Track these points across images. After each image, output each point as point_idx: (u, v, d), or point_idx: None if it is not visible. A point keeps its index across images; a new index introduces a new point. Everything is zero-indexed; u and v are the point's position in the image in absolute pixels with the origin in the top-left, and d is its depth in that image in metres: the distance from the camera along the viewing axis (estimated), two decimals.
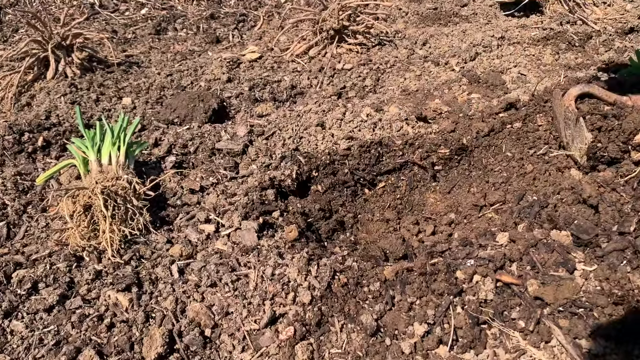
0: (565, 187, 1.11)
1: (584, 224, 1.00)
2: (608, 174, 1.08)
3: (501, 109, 1.47)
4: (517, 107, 1.47)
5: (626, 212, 1.00)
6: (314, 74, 2.04)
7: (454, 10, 2.55)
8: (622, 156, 1.09)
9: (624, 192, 1.02)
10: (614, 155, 1.09)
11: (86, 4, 2.88)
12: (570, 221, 1.02)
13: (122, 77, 2.13)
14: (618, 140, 1.08)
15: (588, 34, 2.11)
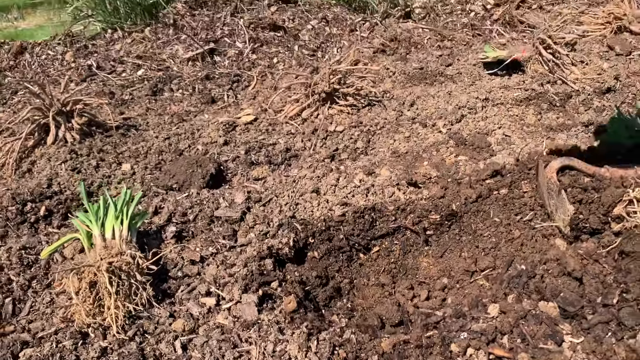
0: (551, 257, 1.17)
1: (570, 296, 1.05)
2: (591, 245, 1.14)
3: (487, 175, 1.54)
4: (503, 173, 1.54)
5: (609, 283, 1.05)
6: (308, 136, 2.12)
7: (439, 69, 2.66)
8: (603, 227, 1.15)
9: (606, 264, 1.08)
10: (595, 227, 1.16)
11: (84, 65, 2.96)
12: (557, 293, 1.07)
13: (120, 141, 2.19)
14: (598, 212, 1.14)
15: (568, 93, 2.22)
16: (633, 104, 2.10)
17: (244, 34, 3.11)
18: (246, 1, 3.30)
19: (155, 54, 3.05)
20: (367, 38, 3.22)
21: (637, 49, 2.62)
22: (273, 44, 3.11)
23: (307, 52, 3.10)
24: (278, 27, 3.15)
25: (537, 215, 1.39)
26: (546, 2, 3.56)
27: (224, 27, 3.15)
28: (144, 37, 3.13)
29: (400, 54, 3.06)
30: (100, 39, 3.21)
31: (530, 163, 1.54)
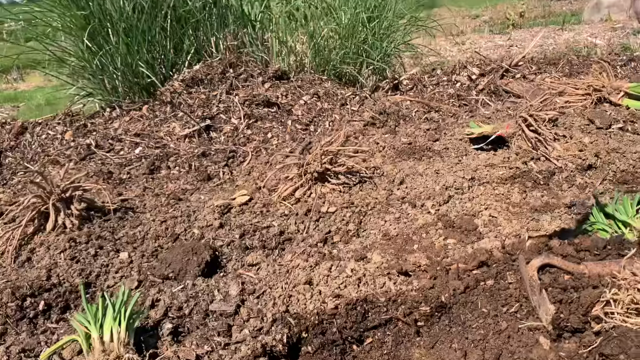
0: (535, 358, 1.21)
1: None
2: (572, 345, 1.18)
3: (474, 266, 1.59)
4: (489, 264, 1.59)
5: None
6: (301, 218, 2.18)
7: (427, 145, 2.75)
8: (584, 326, 1.20)
9: None
10: (576, 326, 1.20)
11: (83, 144, 3.05)
12: None
13: (118, 226, 2.24)
14: (578, 312, 1.19)
15: (551, 171, 2.30)
16: (613, 184, 2.18)
17: (239, 110, 3.22)
18: (241, 78, 3.43)
19: (153, 131, 3.14)
20: (358, 112, 3.33)
21: (617, 121, 2.73)
22: (267, 119, 3.22)
23: (300, 127, 3.20)
24: (272, 103, 3.27)
25: (523, 307, 1.43)
26: (529, 72, 3.72)
27: (219, 104, 3.26)
28: (141, 115, 3.24)
29: (389, 126, 3.16)
30: (99, 117, 3.32)
31: (515, 252, 1.60)
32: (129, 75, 3.29)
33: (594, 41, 6.72)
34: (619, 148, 2.39)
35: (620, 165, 2.25)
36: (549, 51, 6.55)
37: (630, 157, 2.30)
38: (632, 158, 2.29)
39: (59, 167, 2.92)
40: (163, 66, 3.46)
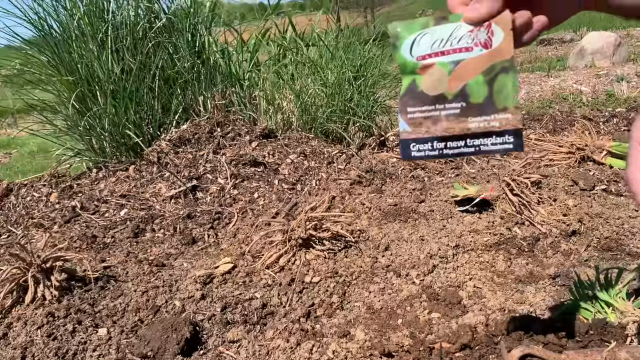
0: None
1: None
2: None
3: (457, 349, 1.56)
4: (472, 346, 1.56)
5: None
6: (284, 289, 2.15)
7: (412, 206, 2.75)
8: None
9: None
10: None
11: (68, 207, 3.03)
12: None
13: (99, 296, 2.21)
14: None
15: (536, 236, 2.30)
16: (598, 251, 2.17)
17: (225, 170, 3.22)
18: (229, 137, 3.45)
19: (139, 192, 3.13)
20: (344, 170, 3.35)
21: (600, 182, 2.75)
22: (254, 179, 3.23)
23: (286, 186, 3.20)
24: (259, 162, 3.28)
25: None
26: None
27: (206, 164, 3.27)
28: (128, 175, 3.24)
29: (376, 185, 3.17)
30: (86, 177, 3.31)
31: (498, 333, 1.57)
32: (116, 135, 3.30)
33: (579, 88, 6.85)
34: (602, 213, 2.39)
35: (604, 232, 2.26)
36: (535, 98, 6.67)
37: (613, 224, 2.30)
38: (615, 224, 2.29)
39: (43, 231, 2.90)
40: (151, 126, 3.48)
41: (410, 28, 0.75)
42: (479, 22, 0.72)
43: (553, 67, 9.07)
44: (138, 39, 3.43)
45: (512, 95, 0.73)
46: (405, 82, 0.77)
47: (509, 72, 0.72)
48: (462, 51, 0.74)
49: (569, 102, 5.95)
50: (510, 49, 0.72)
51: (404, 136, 0.78)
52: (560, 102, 6.02)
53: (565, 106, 5.63)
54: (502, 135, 0.74)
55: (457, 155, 0.77)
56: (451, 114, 0.75)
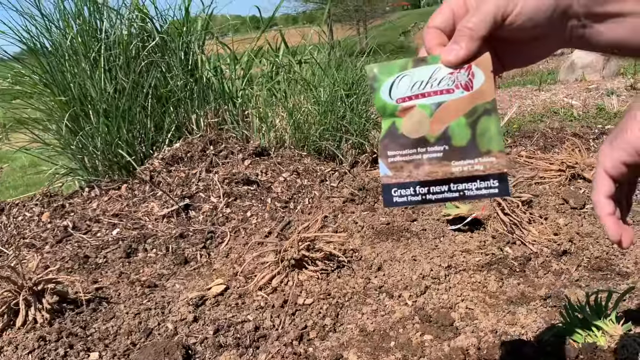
0: None
1: None
2: None
3: None
4: None
5: None
6: (277, 312, 2.15)
7: (405, 225, 2.76)
8: None
9: None
10: None
11: (60, 226, 3.02)
12: None
13: (91, 319, 2.20)
14: None
15: (527, 256, 2.31)
16: (588, 270, 2.19)
17: (218, 188, 3.23)
18: (221, 155, 3.46)
19: (131, 211, 3.13)
20: (337, 188, 3.36)
21: (590, 201, 2.76)
22: (247, 198, 3.23)
23: (279, 205, 3.21)
24: (252, 181, 3.29)
25: None
26: (505, 145, 3.79)
27: (199, 183, 3.27)
28: (120, 194, 3.23)
29: (368, 203, 3.19)
30: (78, 197, 3.30)
31: (490, 357, 1.58)
32: (108, 154, 3.30)
33: (570, 102, 6.92)
34: (592, 232, 2.41)
35: (594, 251, 2.27)
36: (527, 112, 6.73)
37: (603, 243, 2.32)
38: (605, 244, 2.31)
39: (34, 251, 2.89)
40: (143, 145, 3.48)
41: (389, 70, 0.74)
42: (457, 66, 0.71)
43: (544, 81, 9.16)
44: (131, 57, 3.44)
45: (496, 138, 0.71)
46: (385, 125, 0.75)
47: (492, 115, 0.71)
48: (443, 93, 0.72)
49: (560, 116, 6.01)
50: (492, 91, 0.71)
51: (385, 181, 0.76)
52: (551, 116, 6.08)
53: (556, 120, 5.68)
54: (487, 180, 0.72)
55: (441, 200, 0.74)
56: (433, 158, 0.73)
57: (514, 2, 0.68)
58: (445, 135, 0.72)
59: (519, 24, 0.69)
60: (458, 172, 0.73)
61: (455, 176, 0.73)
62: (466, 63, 0.71)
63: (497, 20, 0.69)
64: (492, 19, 0.68)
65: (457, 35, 0.71)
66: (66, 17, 3.37)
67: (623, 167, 0.66)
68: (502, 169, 0.71)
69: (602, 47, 0.73)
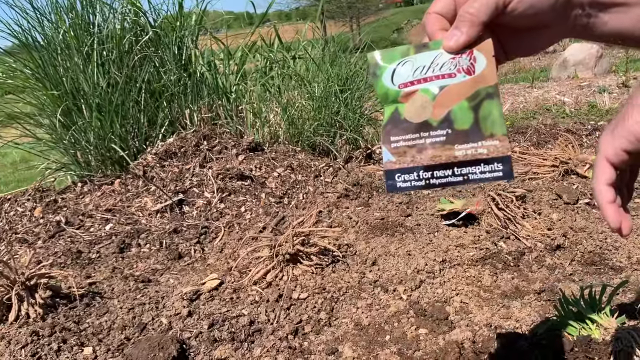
0: None
1: None
2: None
3: None
4: None
5: None
6: (272, 306, 2.14)
7: (399, 220, 2.77)
8: None
9: None
10: None
11: (52, 221, 3.00)
12: None
13: (84, 314, 2.18)
14: None
15: (521, 250, 2.32)
16: (582, 265, 2.20)
17: (212, 184, 3.22)
18: (215, 150, 3.45)
19: (125, 206, 3.11)
20: (331, 183, 3.36)
21: (584, 196, 2.78)
22: (241, 193, 3.22)
23: (273, 200, 3.21)
24: (246, 176, 3.28)
25: None
26: None
27: (193, 178, 3.26)
28: (113, 189, 3.22)
29: (363, 198, 3.19)
30: (71, 192, 3.28)
31: (485, 349, 1.59)
32: (101, 149, 3.28)
33: (562, 99, 6.95)
34: (586, 227, 2.42)
35: (588, 246, 2.28)
36: (520, 109, 6.75)
37: (596, 238, 2.33)
38: (599, 239, 2.32)
39: (27, 246, 2.87)
40: (137, 140, 3.47)
41: (391, 57, 0.74)
42: (458, 51, 0.71)
43: (537, 78, 9.19)
44: (124, 52, 3.42)
45: (499, 122, 0.71)
46: (388, 112, 0.75)
47: (494, 99, 0.71)
48: (445, 77, 0.72)
49: (553, 113, 6.04)
50: (493, 75, 0.71)
51: (389, 167, 0.75)
52: (544, 113, 6.11)
53: (549, 117, 5.71)
54: (491, 163, 0.71)
55: (445, 185, 0.74)
56: (437, 142, 0.73)
57: None
58: (448, 118, 0.72)
59: (520, 11, 0.69)
60: (462, 156, 0.72)
61: (459, 160, 0.72)
62: (467, 48, 0.71)
63: (499, 6, 0.69)
64: (493, 5, 0.68)
65: (459, 20, 0.71)
66: (58, 11, 3.34)
67: (624, 154, 0.66)
68: (506, 152, 0.71)
69: (607, 37, 0.73)
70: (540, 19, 0.71)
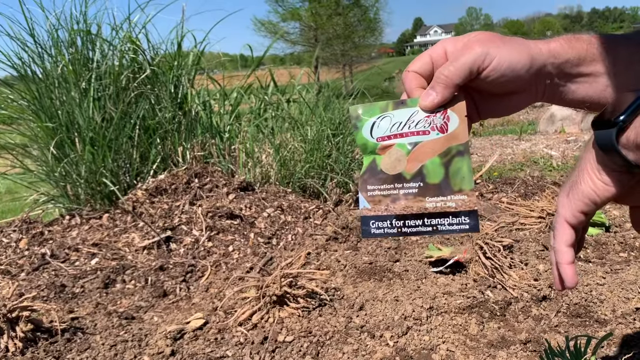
0: None
1: None
2: None
3: None
4: None
5: None
6: (257, 348, 2.11)
7: (387, 265, 2.77)
8: None
9: None
10: None
11: (38, 254, 2.97)
12: None
13: (65, 349, 2.14)
14: None
15: (507, 300, 2.33)
16: (567, 317, 2.21)
17: (201, 222, 3.21)
18: (206, 188, 3.46)
19: (112, 241, 3.09)
20: (320, 226, 3.37)
21: None
22: (229, 232, 3.22)
23: (262, 240, 3.20)
24: (235, 215, 3.28)
25: None
26: (486, 191, 3.86)
27: (182, 215, 3.26)
28: (101, 224, 3.20)
29: (351, 242, 3.19)
30: (58, 224, 3.26)
31: None
32: (92, 183, 3.28)
33: (549, 152, 7.09)
34: None
35: (573, 298, 2.30)
36: (507, 160, 6.87)
37: (582, 290, 2.35)
38: (584, 291, 2.34)
39: (10, 278, 2.82)
40: (128, 175, 3.47)
41: (371, 111, 0.80)
42: (432, 110, 0.77)
43: (524, 131, 9.39)
44: (121, 88, 3.47)
45: (468, 178, 0.76)
46: (366, 162, 0.81)
47: (464, 156, 0.76)
48: (420, 134, 0.78)
49: (540, 165, 6.14)
50: (465, 134, 0.77)
51: (364, 213, 0.80)
52: (531, 165, 6.21)
53: (536, 170, 5.81)
54: (459, 216, 0.77)
55: (415, 234, 0.79)
56: (409, 193, 0.79)
57: (490, 58, 0.74)
58: (421, 173, 0.78)
59: (494, 78, 0.75)
60: (432, 208, 0.78)
61: (429, 211, 0.78)
62: (442, 108, 0.77)
63: (473, 72, 0.75)
64: (467, 70, 0.74)
65: (434, 81, 0.77)
66: (59, 46, 3.39)
67: (582, 215, 0.71)
68: (473, 207, 0.77)
69: (575, 103, 0.80)
70: (512, 86, 0.77)
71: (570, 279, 0.73)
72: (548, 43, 0.76)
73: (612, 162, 0.66)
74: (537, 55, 0.74)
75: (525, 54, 0.74)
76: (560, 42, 0.76)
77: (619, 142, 0.63)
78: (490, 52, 0.73)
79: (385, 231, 0.80)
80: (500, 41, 0.74)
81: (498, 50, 0.73)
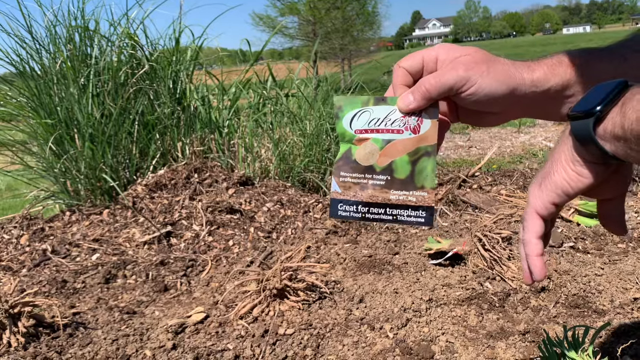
0: None
1: None
2: None
3: None
4: None
5: None
6: (257, 341, 2.13)
7: (387, 258, 2.79)
8: None
9: None
10: None
11: (39, 250, 2.98)
12: None
13: (67, 344, 2.15)
14: None
15: (506, 292, 2.34)
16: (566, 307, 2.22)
17: (201, 216, 3.22)
18: (206, 183, 3.47)
19: (112, 237, 3.10)
20: (320, 219, 3.38)
21: (568, 239, 2.83)
22: (229, 226, 3.23)
23: (262, 234, 3.21)
24: (235, 210, 3.29)
25: None
26: (485, 183, 3.87)
27: (182, 210, 3.27)
28: (101, 219, 3.21)
29: (351, 235, 3.21)
30: (59, 220, 3.27)
31: None
32: (92, 179, 3.29)
33: (548, 145, 7.10)
34: (570, 270, 2.46)
35: (572, 289, 2.32)
36: (507, 153, 6.88)
37: (580, 281, 2.36)
38: (582, 282, 2.36)
39: (11, 274, 2.83)
40: (127, 170, 3.48)
41: (353, 104, 0.86)
42: (407, 113, 0.84)
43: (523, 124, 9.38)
44: (120, 84, 3.47)
45: (431, 177, 0.83)
46: (342, 149, 0.88)
47: (431, 157, 0.83)
48: (394, 132, 0.85)
49: (539, 158, 6.16)
50: (434, 137, 0.83)
51: (334, 196, 0.88)
52: (530, 158, 6.23)
53: (535, 162, 5.82)
54: (417, 210, 0.84)
55: (377, 220, 0.87)
56: (377, 184, 0.86)
57: (470, 83, 0.78)
58: (390, 167, 0.86)
59: (475, 99, 0.80)
60: (394, 200, 0.86)
61: (392, 202, 0.86)
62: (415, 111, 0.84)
63: (452, 91, 0.80)
64: (447, 89, 0.80)
65: (415, 88, 0.82)
66: (57, 42, 3.39)
67: (553, 207, 0.72)
68: (431, 203, 0.85)
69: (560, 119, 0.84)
70: (490, 108, 0.81)
71: (539, 271, 0.74)
72: (532, 72, 0.80)
73: (588, 153, 0.67)
74: (519, 86, 0.79)
75: (506, 85, 0.78)
76: (544, 70, 0.80)
77: (596, 132, 0.64)
78: (472, 78, 0.77)
79: (351, 214, 0.88)
80: (486, 68, 0.78)
81: (480, 77, 0.77)
